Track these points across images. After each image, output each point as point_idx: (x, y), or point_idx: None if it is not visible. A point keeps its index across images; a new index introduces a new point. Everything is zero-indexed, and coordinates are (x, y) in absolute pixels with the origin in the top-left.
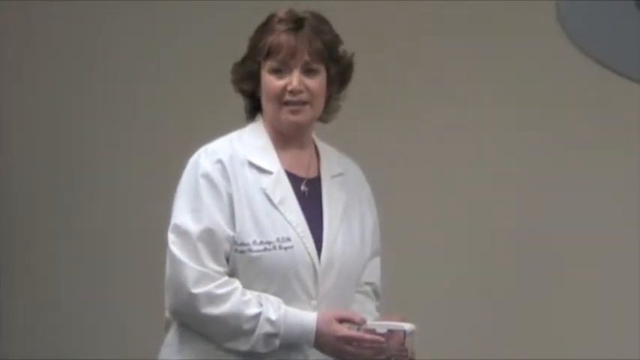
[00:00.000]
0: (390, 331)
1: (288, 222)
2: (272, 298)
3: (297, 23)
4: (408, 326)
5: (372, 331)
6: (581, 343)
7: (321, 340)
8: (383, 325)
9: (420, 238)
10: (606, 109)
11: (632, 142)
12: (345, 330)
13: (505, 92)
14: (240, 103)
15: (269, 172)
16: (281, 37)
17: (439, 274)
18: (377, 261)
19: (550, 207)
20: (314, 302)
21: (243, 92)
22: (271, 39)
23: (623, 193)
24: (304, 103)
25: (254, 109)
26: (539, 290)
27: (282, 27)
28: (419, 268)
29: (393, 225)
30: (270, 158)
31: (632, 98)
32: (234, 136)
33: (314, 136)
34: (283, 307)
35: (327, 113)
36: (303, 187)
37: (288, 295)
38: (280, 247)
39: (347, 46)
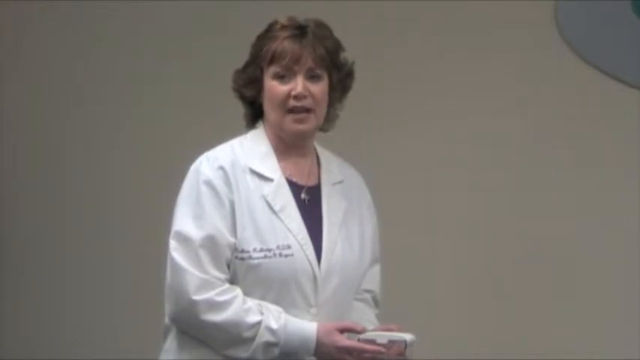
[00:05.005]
0: (391, 342)
1: (289, 230)
2: (272, 307)
3: (300, 30)
4: (408, 336)
5: (373, 342)
6: (582, 343)
7: (322, 350)
8: (383, 336)
9: (419, 245)
10: (607, 109)
11: (633, 143)
12: (346, 340)
13: (505, 97)
14: (241, 107)
15: (270, 180)
16: (285, 43)
17: (439, 280)
18: (377, 268)
19: (550, 209)
20: (313, 310)
21: (244, 99)
22: (275, 45)
23: (624, 194)
24: (308, 110)
25: (254, 117)
26: (540, 293)
27: (285, 33)
28: (418, 274)
29: (392, 232)
30: (271, 165)
31: (632, 98)
32: (235, 142)
33: (315, 143)
34: (284, 316)
35: (327, 122)
36: (303, 195)
37: (287, 303)
38: (280, 255)
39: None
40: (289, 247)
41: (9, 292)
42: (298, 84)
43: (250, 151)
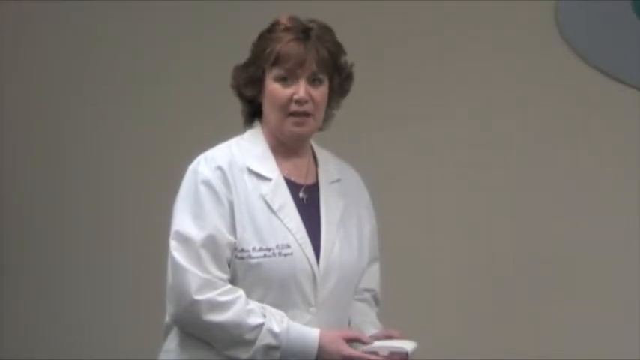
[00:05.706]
0: (392, 353)
1: (288, 229)
2: (275, 310)
3: (304, 32)
4: (409, 346)
5: (375, 353)
6: (582, 343)
7: (324, 358)
8: (385, 347)
9: (419, 245)
10: (607, 109)
11: (633, 143)
12: (350, 349)
13: (505, 97)
14: (239, 106)
15: (268, 179)
16: (289, 45)
17: (439, 280)
18: (376, 267)
19: (550, 209)
20: (312, 309)
21: (243, 97)
22: (279, 47)
23: (624, 194)
24: (307, 115)
25: (252, 114)
26: (540, 293)
27: (289, 36)
28: (418, 274)
29: (392, 232)
30: (268, 165)
31: (632, 98)
32: (232, 142)
33: (312, 142)
34: (286, 320)
35: (323, 121)
36: (301, 194)
37: (287, 302)
38: (280, 254)
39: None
40: (288, 246)
41: (9, 292)
42: (300, 88)
43: (248, 151)
